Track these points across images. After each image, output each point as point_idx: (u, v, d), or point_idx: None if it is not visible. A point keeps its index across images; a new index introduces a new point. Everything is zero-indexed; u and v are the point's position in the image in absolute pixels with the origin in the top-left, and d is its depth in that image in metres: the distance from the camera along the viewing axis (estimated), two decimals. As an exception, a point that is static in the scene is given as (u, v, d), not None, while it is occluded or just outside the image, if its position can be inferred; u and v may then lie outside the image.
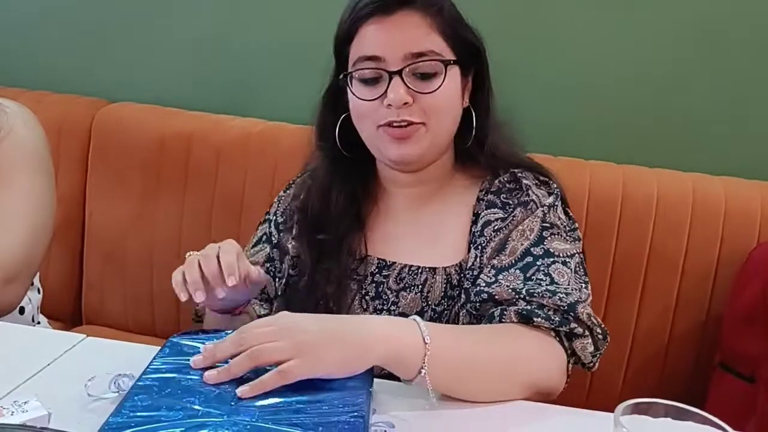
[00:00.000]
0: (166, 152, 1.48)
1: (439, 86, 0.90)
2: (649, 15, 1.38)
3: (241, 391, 0.69)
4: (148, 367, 0.74)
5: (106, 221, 1.53)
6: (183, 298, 0.84)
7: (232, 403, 0.68)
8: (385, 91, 0.90)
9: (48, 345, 0.85)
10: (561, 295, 0.85)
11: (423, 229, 0.99)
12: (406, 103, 0.89)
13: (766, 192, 1.27)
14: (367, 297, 0.98)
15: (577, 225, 0.96)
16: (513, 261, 0.89)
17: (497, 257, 0.90)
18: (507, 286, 0.87)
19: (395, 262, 0.98)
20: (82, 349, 0.86)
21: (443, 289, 0.94)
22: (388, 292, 0.97)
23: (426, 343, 0.74)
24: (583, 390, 1.32)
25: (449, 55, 0.92)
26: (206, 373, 0.71)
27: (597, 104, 1.43)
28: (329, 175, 1.00)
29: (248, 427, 0.63)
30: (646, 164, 1.35)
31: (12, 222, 1.02)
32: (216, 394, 0.69)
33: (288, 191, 1.09)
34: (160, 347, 0.79)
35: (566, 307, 0.84)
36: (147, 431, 0.62)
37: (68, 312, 1.58)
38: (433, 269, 0.95)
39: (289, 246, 1.02)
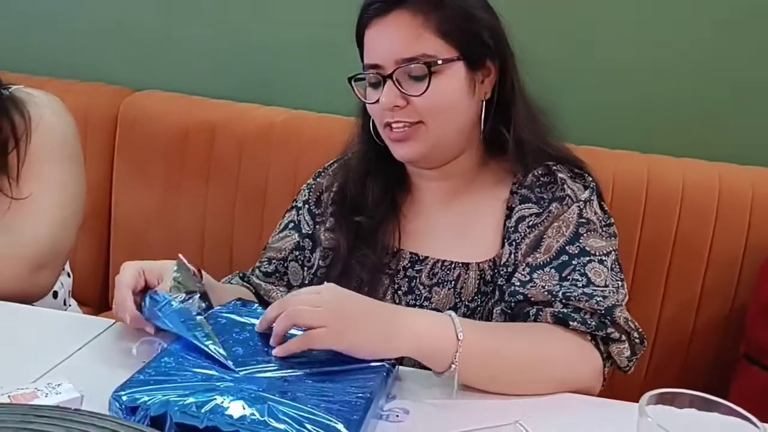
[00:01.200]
0: (190, 142, 1.49)
1: (426, 89, 0.89)
2: (672, 4, 1.36)
3: (275, 351, 0.74)
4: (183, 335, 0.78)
5: (131, 211, 1.55)
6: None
7: (246, 372, 0.71)
8: None
9: (80, 329, 0.88)
10: (598, 299, 0.83)
11: (455, 223, 0.98)
12: (397, 106, 0.90)
13: (793, 182, 1.25)
14: (399, 292, 0.98)
15: (612, 220, 0.95)
16: (548, 259, 0.88)
17: (532, 255, 0.89)
18: (542, 287, 0.86)
19: (428, 257, 0.97)
20: (113, 334, 0.88)
21: (476, 285, 0.94)
22: (421, 287, 0.96)
23: (459, 340, 0.75)
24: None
25: (447, 53, 0.89)
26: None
27: (621, 93, 1.42)
28: (364, 163, 1.01)
29: (252, 395, 0.66)
30: (672, 154, 1.34)
31: (41, 212, 1.03)
32: (239, 362, 0.72)
33: (318, 179, 1.08)
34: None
35: (603, 311, 0.83)
36: (161, 389, 0.67)
37: (95, 298, 1.61)
38: (466, 265, 0.94)
39: (323, 237, 1.02)
